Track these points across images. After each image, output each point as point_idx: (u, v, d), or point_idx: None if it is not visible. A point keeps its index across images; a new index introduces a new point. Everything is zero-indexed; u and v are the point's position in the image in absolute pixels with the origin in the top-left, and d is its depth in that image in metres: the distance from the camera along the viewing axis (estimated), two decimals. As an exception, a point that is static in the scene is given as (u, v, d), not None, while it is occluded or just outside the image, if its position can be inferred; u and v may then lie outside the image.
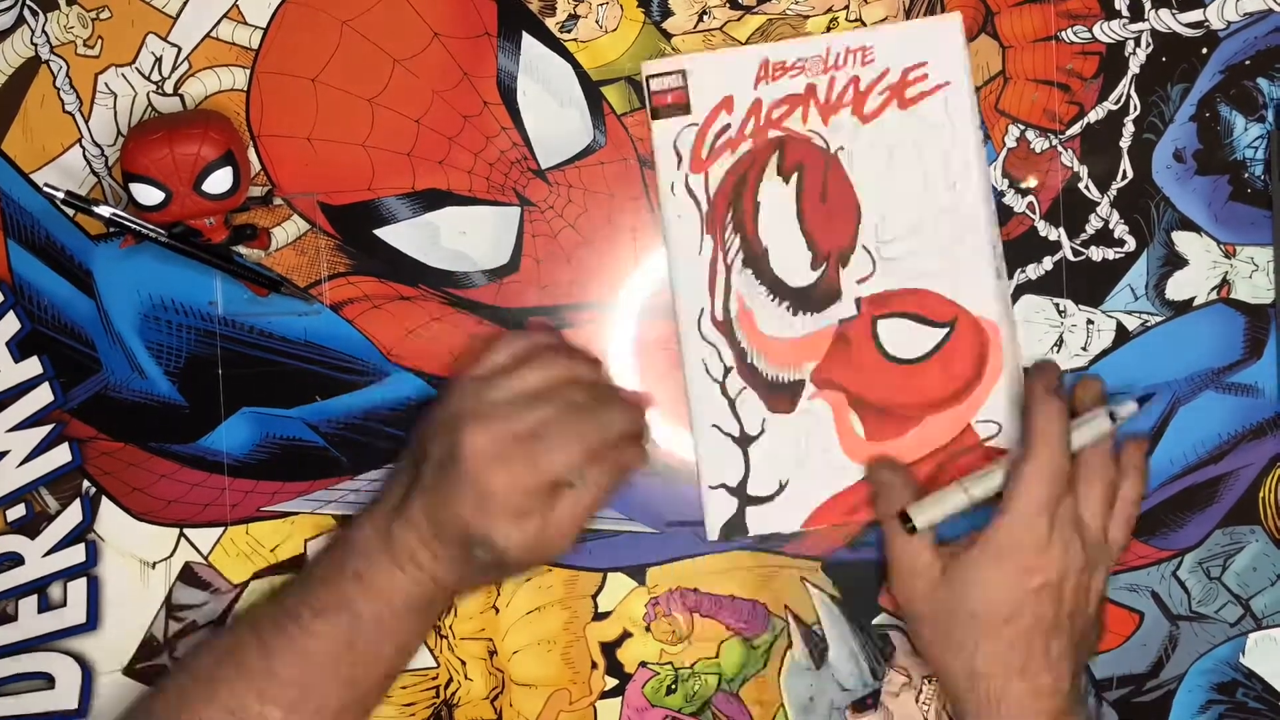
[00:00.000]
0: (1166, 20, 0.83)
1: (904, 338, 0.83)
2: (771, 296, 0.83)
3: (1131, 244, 0.84)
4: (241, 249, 0.84)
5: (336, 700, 0.77)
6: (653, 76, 0.82)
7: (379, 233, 0.85)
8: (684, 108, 0.82)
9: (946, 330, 0.82)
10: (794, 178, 0.82)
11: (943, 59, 0.82)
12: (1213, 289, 0.84)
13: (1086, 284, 0.84)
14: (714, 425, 0.83)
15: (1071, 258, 0.84)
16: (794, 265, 0.83)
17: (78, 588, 0.85)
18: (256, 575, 0.85)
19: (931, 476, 0.82)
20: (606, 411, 0.79)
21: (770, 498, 0.83)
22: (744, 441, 0.83)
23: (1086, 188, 0.84)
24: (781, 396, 0.83)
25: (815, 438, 0.83)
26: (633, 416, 0.81)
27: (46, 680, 0.85)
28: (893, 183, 0.82)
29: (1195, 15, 0.83)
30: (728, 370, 0.83)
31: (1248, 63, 0.83)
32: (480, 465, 0.75)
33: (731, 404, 0.83)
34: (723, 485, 0.84)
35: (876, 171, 0.82)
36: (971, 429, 0.82)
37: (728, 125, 0.82)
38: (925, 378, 0.83)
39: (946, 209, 0.82)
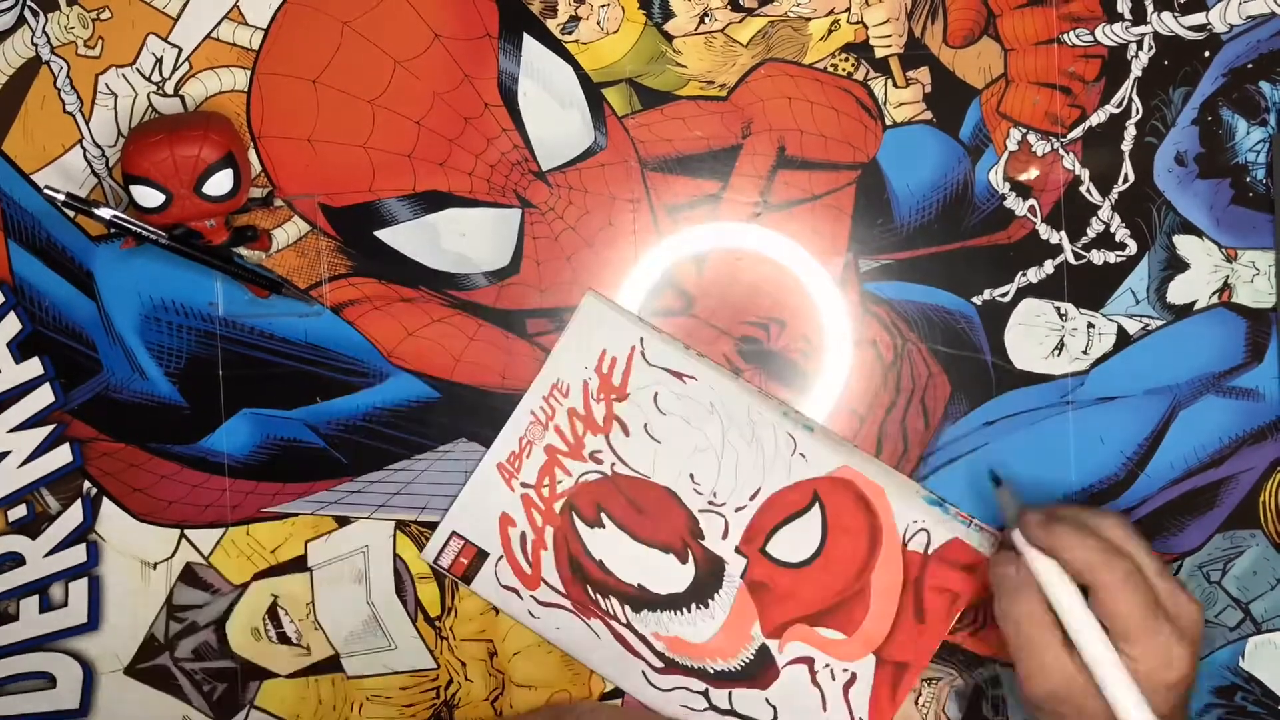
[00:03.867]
0: (1169, 23, 0.83)
1: (794, 542, 0.83)
2: (677, 612, 0.83)
3: (1133, 247, 0.84)
4: (242, 250, 0.84)
5: None
6: (436, 560, 0.84)
7: (380, 234, 0.84)
8: (480, 554, 0.83)
9: (816, 506, 0.83)
10: (603, 517, 0.83)
11: (609, 333, 0.83)
12: (1214, 293, 0.84)
13: (1088, 287, 0.84)
14: None
15: (1073, 261, 0.84)
16: (668, 575, 0.83)
17: (79, 588, 0.85)
18: (257, 576, 0.86)
19: (917, 606, 0.82)
20: None
21: None
22: None
23: (1088, 191, 0.84)
24: (762, 673, 0.83)
25: (818, 676, 0.83)
26: None
27: (48, 680, 0.85)
28: (672, 449, 0.82)
29: (1198, 18, 0.83)
30: (705, 693, 0.83)
31: (1250, 66, 0.83)
32: None
33: (733, 712, 0.83)
34: None
35: (652, 453, 0.82)
36: (907, 548, 0.82)
37: (523, 534, 0.83)
38: (839, 552, 0.83)
39: (726, 430, 0.82)
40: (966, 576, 0.82)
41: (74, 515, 0.85)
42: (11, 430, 0.84)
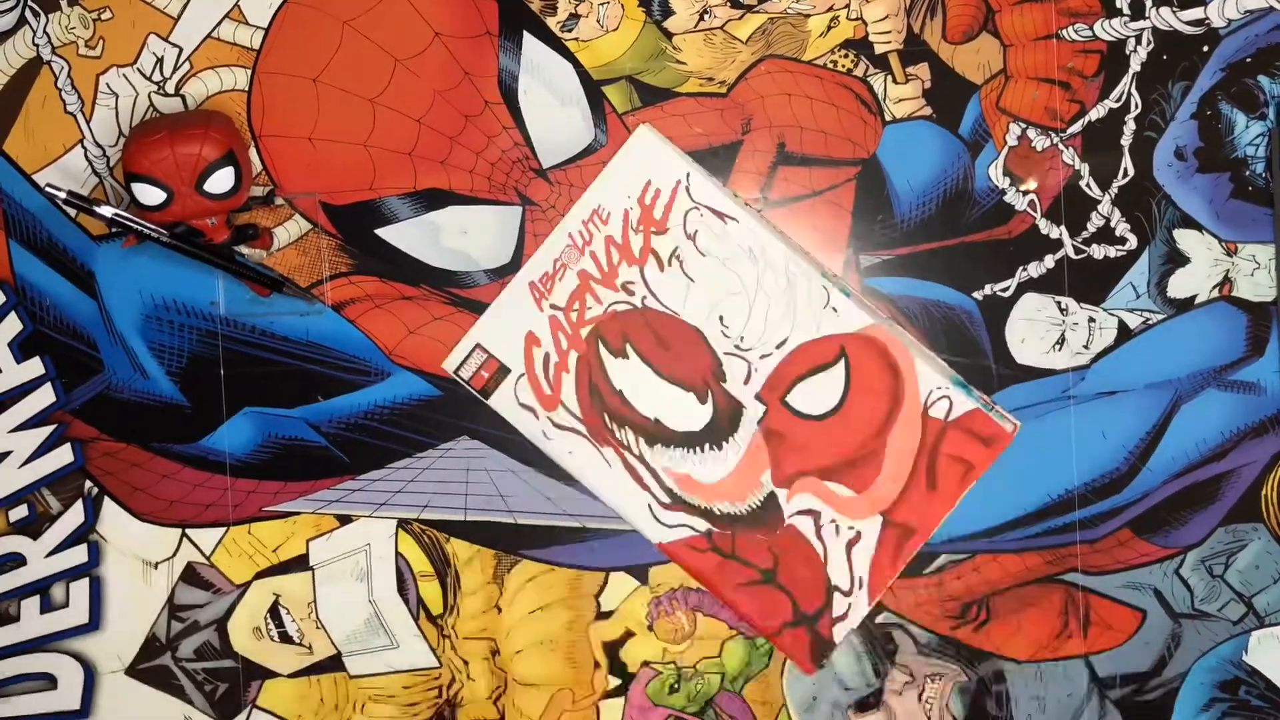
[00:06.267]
0: (1167, 18, 0.83)
1: (816, 395, 0.82)
2: (690, 450, 0.83)
3: (1133, 242, 0.84)
4: (243, 249, 0.84)
5: None
6: (458, 371, 0.82)
7: (380, 232, 0.85)
8: (502, 370, 0.82)
9: (842, 361, 0.82)
10: (628, 348, 0.82)
11: (656, 166, 0.82)
12: (1214, 286, 0.84)
13: (1088, 282, 0.84)
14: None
15: (1073, 255, 0.84)
16: (686, 413, 0.83)
17: (80, 588, 0.85)
18: (259, 575, 0.85)
19: (930, 473, 0.82)
20: None
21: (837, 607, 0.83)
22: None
23: (1088, 186, 0.84)
24: (768, 521, 0.83)
25: (823, 531, 0.83)
26: None
27: (49, 680, 0.85)
28: (704, 289, 0.82)
29: (1196, 13, 0.83)
30: (709, 534, 0.83)
31: (1249, 60, 0.84)
32: None
33: (734, 555, 0.83)
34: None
35: (684, 291, 0.82)
36: (928, 414, 0.81)
37: (547, 355, 0.83)
38: (859, 410, 0.82)
39: (761, 276, 0.82)
40: (984, 449, 0.81)
41: (75, 515, 0.85)
42: (13, 430, 0.84)
